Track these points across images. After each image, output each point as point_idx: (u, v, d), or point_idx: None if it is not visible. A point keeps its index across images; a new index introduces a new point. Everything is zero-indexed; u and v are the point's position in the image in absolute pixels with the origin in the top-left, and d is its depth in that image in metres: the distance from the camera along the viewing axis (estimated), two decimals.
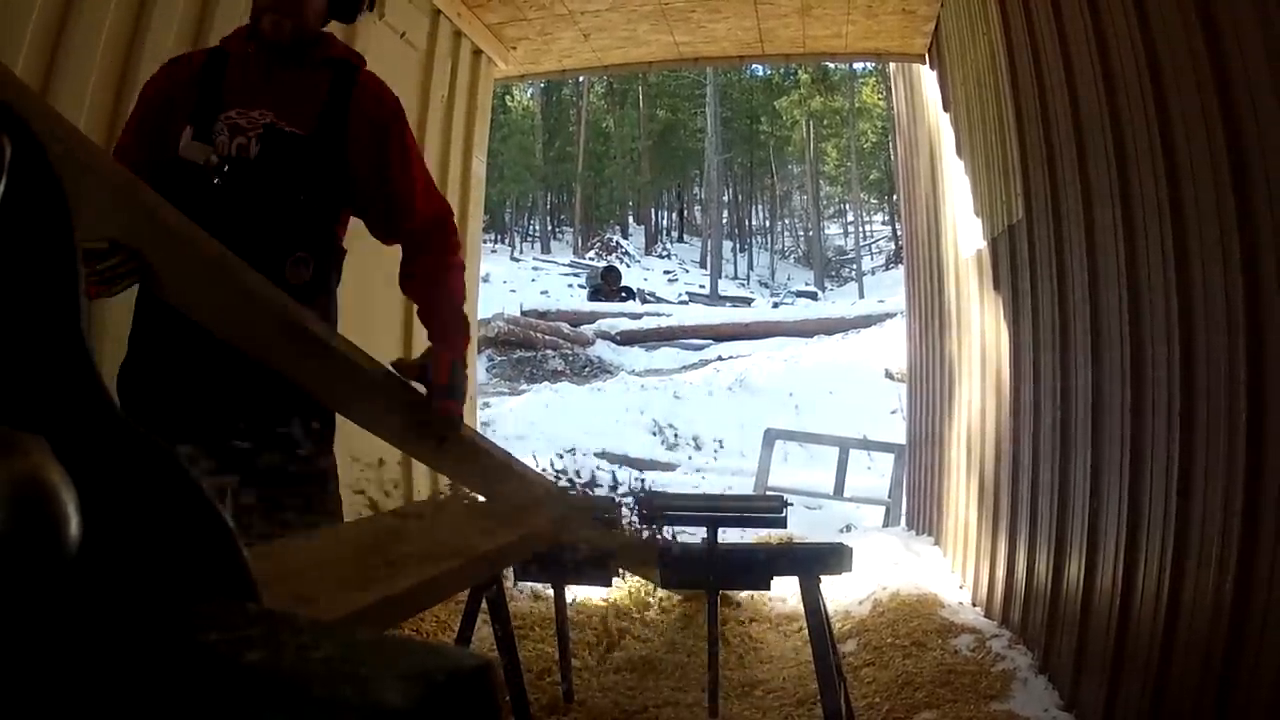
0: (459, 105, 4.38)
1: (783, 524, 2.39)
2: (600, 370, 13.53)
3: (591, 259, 24.98)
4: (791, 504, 2.56)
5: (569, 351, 14.03)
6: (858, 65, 26.92)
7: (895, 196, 17.89)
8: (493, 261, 22.40)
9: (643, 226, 36.31)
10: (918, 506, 5.40)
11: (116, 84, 2.36)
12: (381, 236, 2.00)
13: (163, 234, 1.44)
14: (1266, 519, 1.54)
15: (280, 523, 1.49)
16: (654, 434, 9.34)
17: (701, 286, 26.03)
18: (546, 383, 11.61)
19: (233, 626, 0.38)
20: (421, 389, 1.78)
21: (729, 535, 2.65)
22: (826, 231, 36.71)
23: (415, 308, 1.96)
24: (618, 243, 27.79)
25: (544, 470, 2.27)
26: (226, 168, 1.75)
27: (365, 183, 1.88)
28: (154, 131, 1.81)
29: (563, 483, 2.22)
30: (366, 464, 1.99)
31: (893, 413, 8.76)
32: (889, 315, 13.94)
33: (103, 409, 0.43)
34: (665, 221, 40.59)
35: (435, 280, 1.91)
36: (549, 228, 36.67)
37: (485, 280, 8.86)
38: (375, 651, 0.36)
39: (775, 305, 21.57)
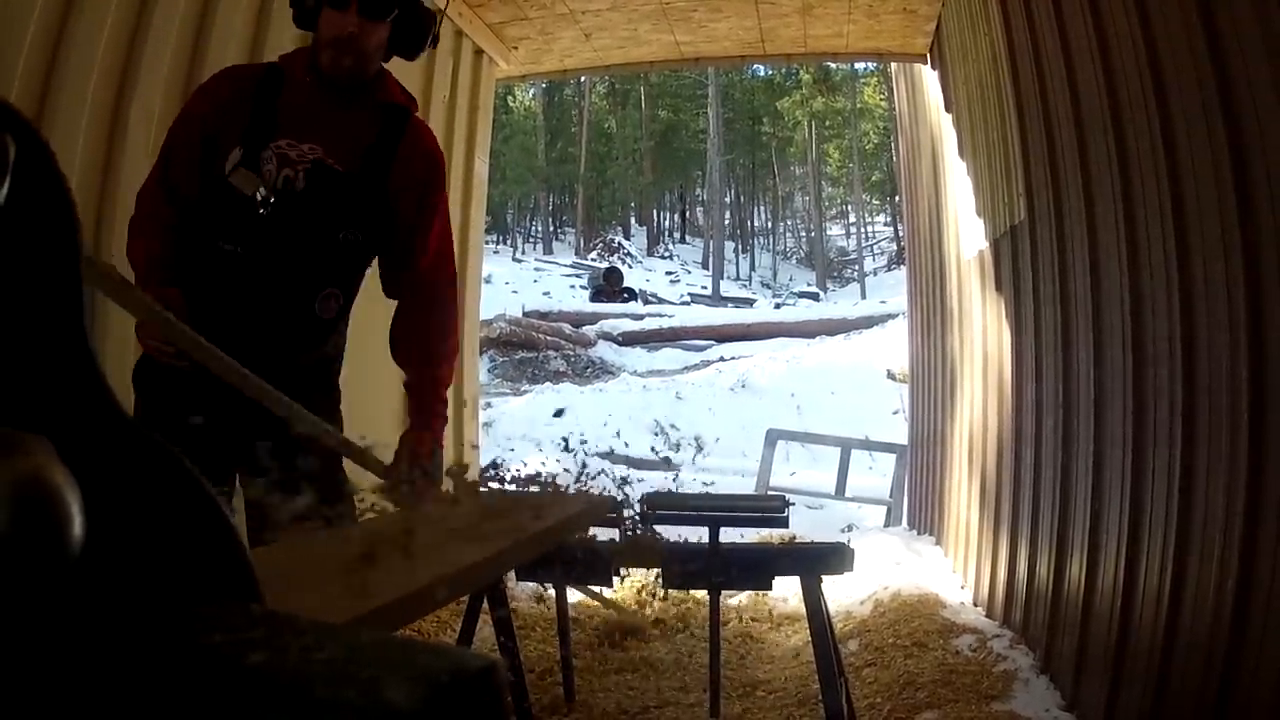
0: (461, 105, 4.38)
1: (784, 524, 2.39)
2: (602, 371, 13.51)
3: (593, 260, 24.92)
4: (793, 504, 2.56)
5: (571, 352, 14.01)
6: (859, 65, 26.91)
7: (897, 197, 17.87)
8: (495, 262, 22.38)
9: (645, 227, 36.25)
10: (919, 507, 5.39)
11: (117, 84, 2.36)
12: (386, 286, 2.02)
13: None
14: (1268, 518, 1.53)
15: (296, 519, 1.50)
16: (656, 434, 9.33)
17: (703, 287, 25.94)
18: (549, 383, 11.60)
19: (236, 628, 0.38)
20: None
21: (730, 535, 2.65)
22: (829, 232, 36.60)
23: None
24: (620, 244, 27.72)
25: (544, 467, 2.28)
26: (273, 199, 1.77)
27: (397, 229, 1.91)
28: (205, 153, 1.82)
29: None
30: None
31: (894, 413, 8.75)
32: (891, 316, 13.90)
33: (106, 409, 0.43)
34: (667, 222, 40.48)
35: (431, 361, 1.94)
36: (551, 229, 36.59)
37: (487, 281, 8.84)
38: (379, 653, 0.36)
39: (777, 306, 21.51)
